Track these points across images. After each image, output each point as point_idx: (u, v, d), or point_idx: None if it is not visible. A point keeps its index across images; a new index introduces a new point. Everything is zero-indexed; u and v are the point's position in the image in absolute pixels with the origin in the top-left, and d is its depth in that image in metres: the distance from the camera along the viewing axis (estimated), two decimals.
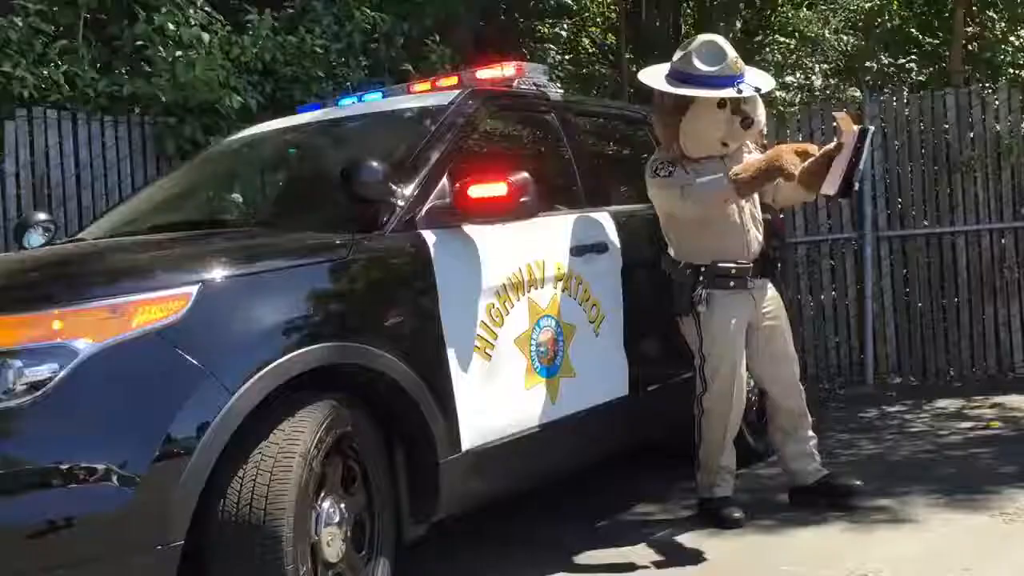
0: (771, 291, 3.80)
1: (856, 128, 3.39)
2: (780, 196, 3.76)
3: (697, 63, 3.53)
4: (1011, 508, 3.69)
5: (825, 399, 6.16)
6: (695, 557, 3.37)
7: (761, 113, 3.69)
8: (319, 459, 2.53)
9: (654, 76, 3.68)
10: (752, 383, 4.34)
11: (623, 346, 3.77)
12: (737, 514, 3.71)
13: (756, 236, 3.70)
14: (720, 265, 3.64)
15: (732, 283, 3.64)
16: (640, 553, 3.45)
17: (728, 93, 3.50)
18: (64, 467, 2.18)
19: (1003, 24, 8.66)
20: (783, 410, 3.86)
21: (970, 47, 8.81)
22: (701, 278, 3.65)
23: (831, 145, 3.45)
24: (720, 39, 3.62)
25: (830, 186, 3.41)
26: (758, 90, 3.55)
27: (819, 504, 3.79)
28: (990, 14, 9.18)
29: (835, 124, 3.48)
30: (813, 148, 3.52)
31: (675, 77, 3.60)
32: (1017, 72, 8.35)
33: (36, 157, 5.33)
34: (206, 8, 6.06)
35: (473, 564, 3.44)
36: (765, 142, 3.98)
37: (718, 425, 3.73)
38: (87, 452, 2.21)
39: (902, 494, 3.96)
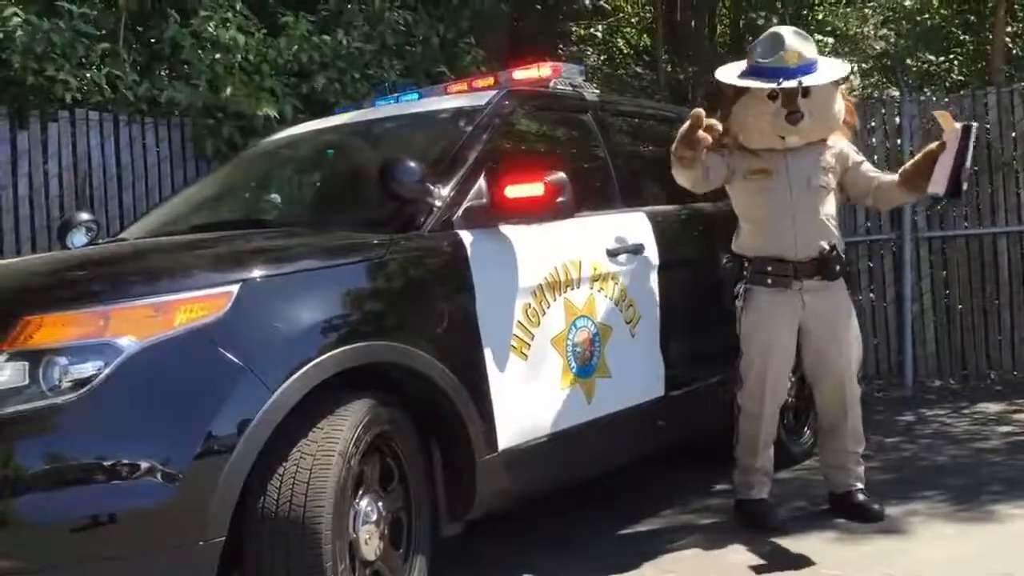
0: (833, 295, 3.60)
1: (959, 126, 3.31)
2: (881, 197, 3.64)
3: (755, 54, 3.52)
4: None
5: (863, 402, 6.08)
6: (725, 561, 3.35)
7: (829, 108, 3.55)
8: (357, 457, 2.55)
9: (729, 69, 3.65)
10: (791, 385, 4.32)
11: (659, 347, 3.77)
12: (772, 517, 3.68)
13: (812, 237, 3.53)
14: (761, 261, 3.60)
15: (770, 280, 3.58)
16: (670, 557, 3.42)
17: (767, 84, 3.45)
18: (107, 463, 2.22)
19: None
20: (825, 416, 3.79)
21: (1011, 46, 8.68)
22: (744, 272, 3.64)
23: (933, 145, 3.38)
24: (787, 31, 3.54)
25: (938, 186, 3.32)
26: (799, 83, 3.41)
27: (839, 514, 3.74)
28: None
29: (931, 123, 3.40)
30: (716, 124, 3.37)
31: (745, 70, 3.57)
32: None
33: (79, 158, 5.41)
34: (243, 12, 6.12)
35: (497, 565, 3.43)
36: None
37: (751, 423, 3.70)
38: (130, 448, 2.24)
39: (940, 499, 3.91)
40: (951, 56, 9.12)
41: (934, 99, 6.91)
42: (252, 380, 2.37)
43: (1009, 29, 8.42)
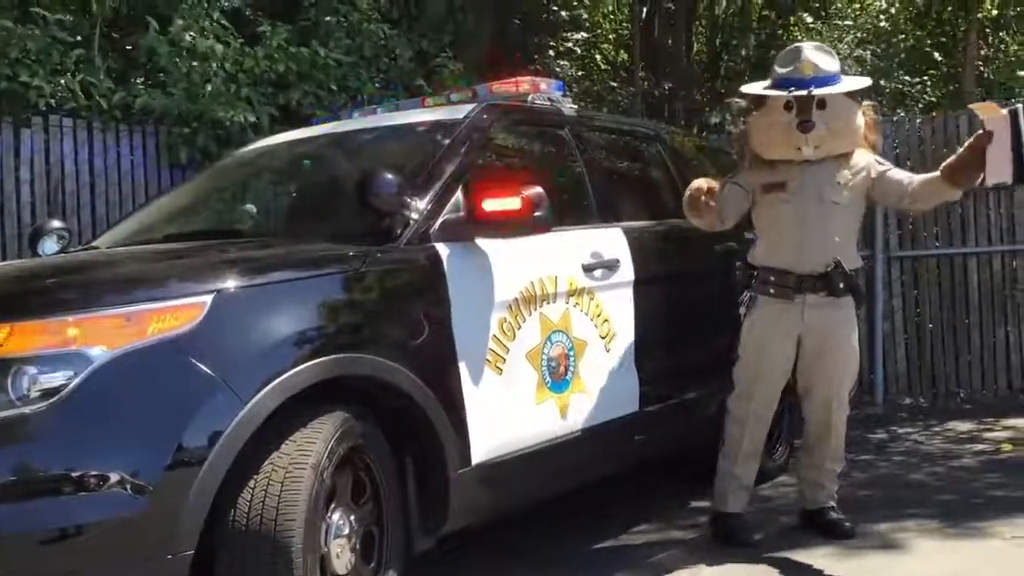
0: (837, 312, 3.59)
1: (1006, 111, 3.23)
2: (921, 195, 3.54)
3: (775, 65, 3.59)
4: (1022, 533, 3.67)
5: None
6: None
7: (846, 122, 3.55)
8: (330, 471, 2.53)
9: (756, 84, 3.72)
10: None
11: (634, 363, 3.77)
12: (745, 534, 3.69)
13: (820, 251, 3.54)
14: (767, 271, 3.63)
15: (772, 291, 3.60)
16: (647, 571, 3.43)
17: (779, 93, 3.50)
18: (76, 474, 2.18)
19: (1016, 47, 8.66)
20: (809, 430, 3.80)
21: (983, 69, 8.81)
22: (752, 281, 3.68)
23: (975, 137, 3.31)
24: (808, 45, 3.60)
25: (1001, 174, 3.22)
26: (809, 92, 3.44)
27: (810, 530, 3.77)
28: (1003, 36, 9.19)
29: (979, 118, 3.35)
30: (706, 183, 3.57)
31: (768, 82, 3.64)
32: None
33: (51, 165, 5.36)
34: (221, 21, 6.10)
35: None
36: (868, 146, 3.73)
37: (736, 427, 3.73)
38: (99, 460, 2.21)
39: (912, 517, 3.94)
40: (925, 78, 9.24)
41: (908, 120, 6.98)
42: (224, 392, 2.34)
43: (982, 52, 8.54)
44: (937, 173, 3.48)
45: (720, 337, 4.07)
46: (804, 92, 3.45)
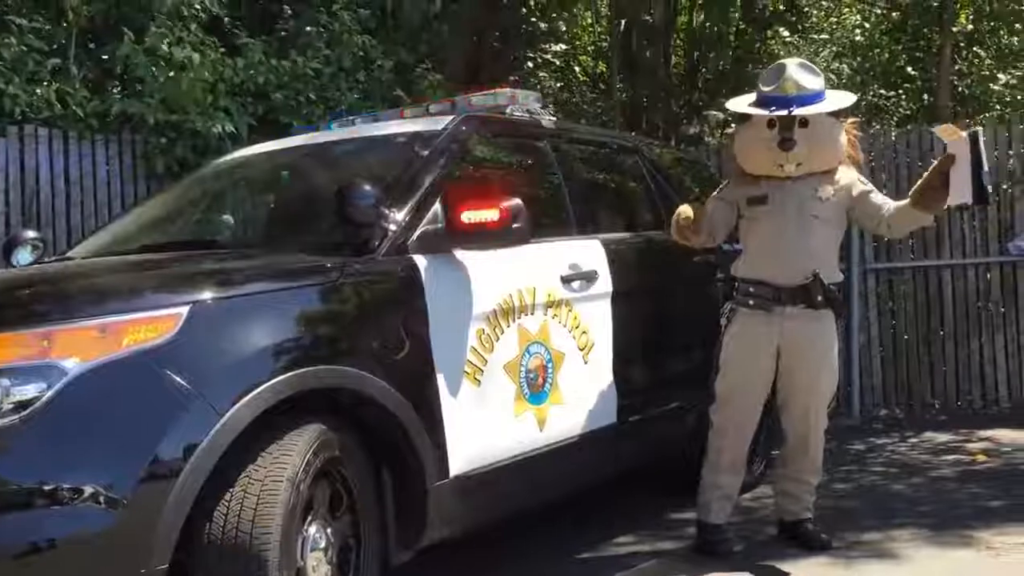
0: (816, 324, 3.61)
1: (965, 134, 3.31)
2: (896, 221, 3.60)
3: (759, 82, 3.62)
4: (997, 543, 3.70)
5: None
6: None
7: (826, 140, 3.59)
8: (307, 483, 2.51)
9: (742, 98, 3.75)
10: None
11: (612, 374, 3.77)
12: (724, 546, 3.71)
13: (799, 265, 3.57)
14: (747, 283, 3.67)
15: (752, 302, 3.64)
16: None
17: (761, 111, 3.54)
18: (49, 487, 2.16)
19: (989, 62, 8.77)
20: (786, 442, 3.83)
21: (958, 83, 8.91)
22: (734, 293, 3.71)
23: (939, 161, 3.39)
24: (792, 62, 3.63)
25: (963, 195, 3.30)
26: (789, 111, 3.48)
27: (788, 541, 3.79)
28: (976, 51, 9.29)
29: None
30: (690, 211, 3.60)
31: (753, 99, 3.66)
32: (1003, 109, 8.44)
33: (26, 174, 5.31)
34: (198, 33, 6.08)
35: None
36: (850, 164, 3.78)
37: (717, 438, 3.75)
38: (73, 473, 2.18)
39: (890, 528, 3.96)
40: (900, 91, 9.33)
41: (883, 135, 7.04)
42: (200, 404, 2.32)
43: (956, 66, 8.64)
44: (907, 199, 3.54)
45: (698, 348, 4.08)
46: (785, 112, 3.49)
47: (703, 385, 3.84)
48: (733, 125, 3.76)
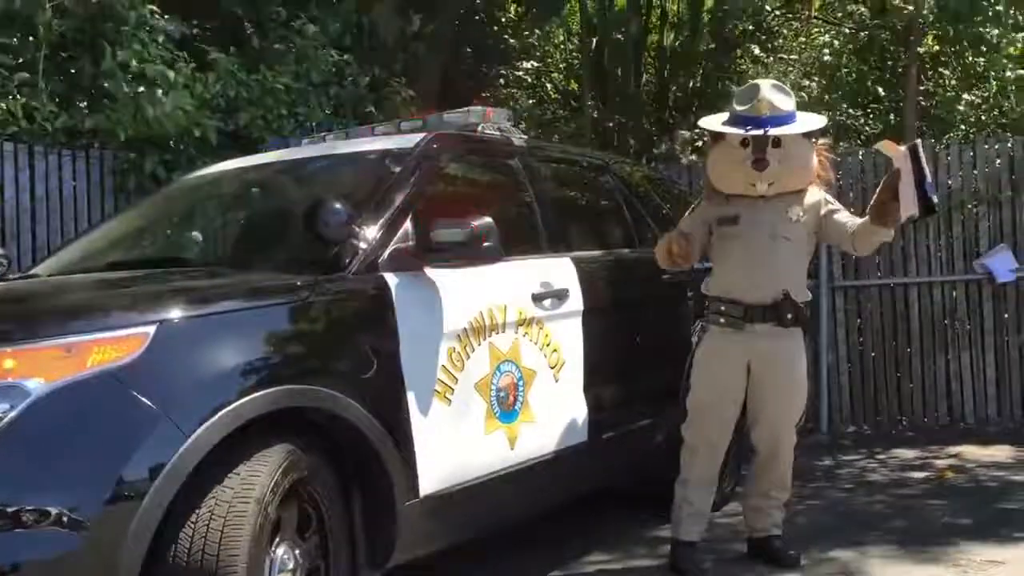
0: (786, 342, 3.65)
1: (904, 148, 3.38)
2: (860, 242, 3.65)
3: (734, 102, 3.65)
4: (963, 560, 3.73)
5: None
6: None
7: (798, 160, 3.62)
8: (275, 504, 2.49)
9: (714, 117, 3.78)
10: None
11: (583, 392, 3.78)
12: (693, 565, 3.71)
13: (769, 283, 3.61)
14: (718, 301, 3.68)
15: (723, 320, 3.65)
16: None
17: (737, 131, 3.56)
18: (11, 510, 2.12)
19: (955, 82, 8.90)
20: (756, 457, 3.85)
21: (924, 103, 9.03)
22: (704, 311, 3.72)
23: (887, 177, 3.46)
24: (765, 82, 3.66)
25: (910, 208, 3.36)
26: (765, 132, 3.51)
27: (757, 558, 3.81)
28: (942, 71, 9.43)
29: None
30: (677, 245, 3.58)
31: (727, 118, 3.69)
32: (968, 129, 8.57)
33: None
34: (168, 46, 6.04)
35: None
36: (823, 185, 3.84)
37: (689, 457, 3.77)
38: (36, 495, 2.15)
39: (857, 545, 3.99)
40: (867, 111, 9.44)
41: (850, 155, 7.13)
42: (167, 424, 2.30)
43: (922, 87, 8.76)
44: (866, 217, 3.60)
45: (669, 366, 4.09)
46: (760, 132, 3.52)
47: (675, 402, 3.85)
48: (703, 143, 3.77)
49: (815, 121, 3.76)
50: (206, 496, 2.39)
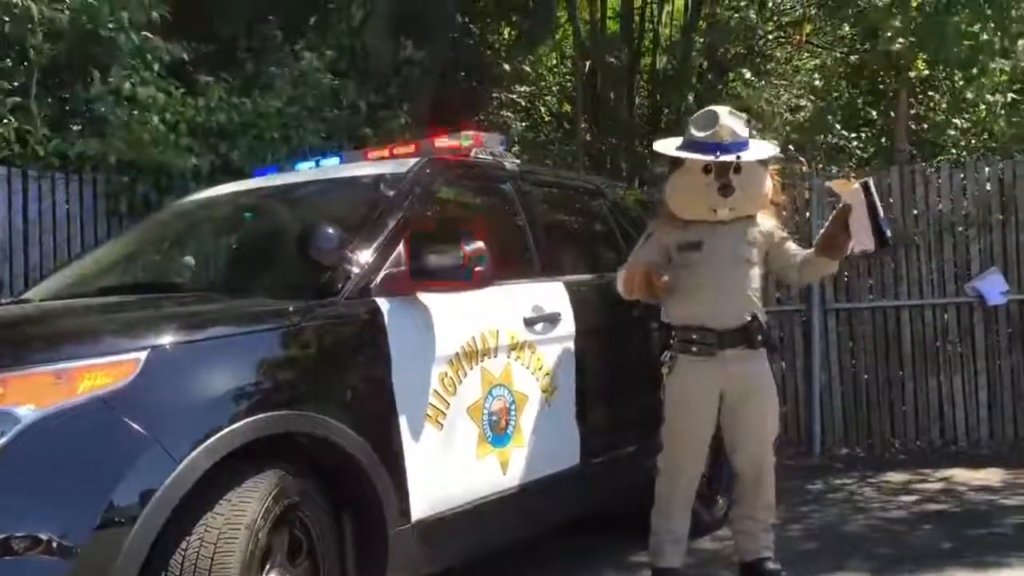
0: (755, 364, 3.68)
1: (857, 184, 3.48)
2: (806, 270, 3.74)
3: (692, 128, 3.65)
4: None
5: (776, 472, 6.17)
6: None
7: (758, 186, 3.67)
8: (265, 530, 2.49)
9: (667, 141, 3.78)
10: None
11: (575, 416, 3.78)
12: None
13: (735, 308, 3.63)
14: (686, 329, 3.67)
15: (695, 348, 3.65)
16: None
17: (704, 157, 3.57)
18: (1, 536, 2.12)
19: (945, 106, 8.96)
20: (739, 482, 3.84)
21: (914, 126, 9.09)
22: (671, 340, 3.70)
23: (836, 212, 3.56)
24: (722, 109, 3.68)
25: (865, 243, 3.48)
26: (738, 158, 3.54)
27: None
28: (932, 95, 9.50)
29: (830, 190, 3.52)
30: (660, 276, 3.55)
31: (682, 143, 3.69)
32: (959, 153, 8.63)
33: None
34: (161, 72, 6.07)
35: None
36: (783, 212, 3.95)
37: (668, 486, 3.74)
38: (26, 521, 2.15)
39: (842, 569, 3.98)
40: (859, 133, 9.50)
41: (840, 174, 7.16)
42: (157, 450, 2.30)
43: (912, 111, 8.81)
44: (813, 249, 3.70)
45: (660, 390, 4.08)
46: (731, 158, 3.54)
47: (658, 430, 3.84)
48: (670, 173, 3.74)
49: (769, 148, 3.83)
50: (197, 522, 2.38)
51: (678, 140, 3.73)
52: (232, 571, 2.35)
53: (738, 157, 3.55)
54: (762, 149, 3.73)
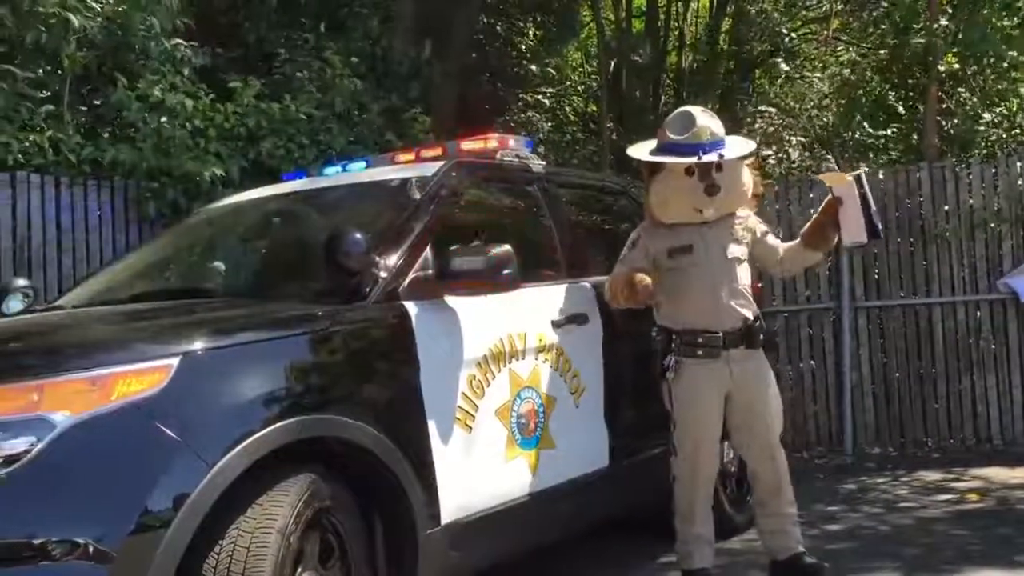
0: (756, 362, 3.70)
1: (850, 177, 3.53)
2: (790, 262, 3.79)
3: (668, 131, 3.62)
4: None
5: (804, 469, 6.14)
6: None
7: (741, 182, 3.69)
8: (297, 534, 2.50)
9: (641, 147, 3.76)
10: (732, 454, 4.36)
11: (603, 417, 3.78)
12: None
13: (735, 307, 3.64)
14: (690, 333, 3.64)
15: (700, 352, 3.63)
16: None
17: (687, 160, 3.55)
18: (38, 541, 2.15)
19: (974, 101, 8.85)
20: (759, 482, 3.83)
21: (944, 122, 8.99)
22: (673, 345, 3.68)
23: (826, 203, 3.61)
24: (695, 109, 3.68)
25: (857, 234, 3.55)
26: (721, 157, 3.54)
27: None
28: (961, 90, 9.38)
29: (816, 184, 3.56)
30: (642, 281, 3.51)
31: (657, 146, 3.68)
32: (990, 147, 8.52)
33: (18, 220, 5.31)
34: (186, 72, 6.13)
35: None
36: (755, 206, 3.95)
37: (687, 492, 3.72)
38: (62, 526, 2.18)
39: (872, 570, 3.95)
40: (888, 131, 9.40)
41: (869, 174, 7.10)
42: (190, 455, 2.32)
43: (943, 105, 8.72)
44: (798, 240, 3.74)
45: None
46: (714, 157, 3.53)
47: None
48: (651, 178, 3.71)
49: (749, 145, 3.81)
50: (229, 526, 2.41)
51: (651, 144, 3.72)
52: (265, 574, 2.37)
53: (720, 156, 3.55)
54: (740, 146, 3.73)
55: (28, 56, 5.80)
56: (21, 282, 3.88)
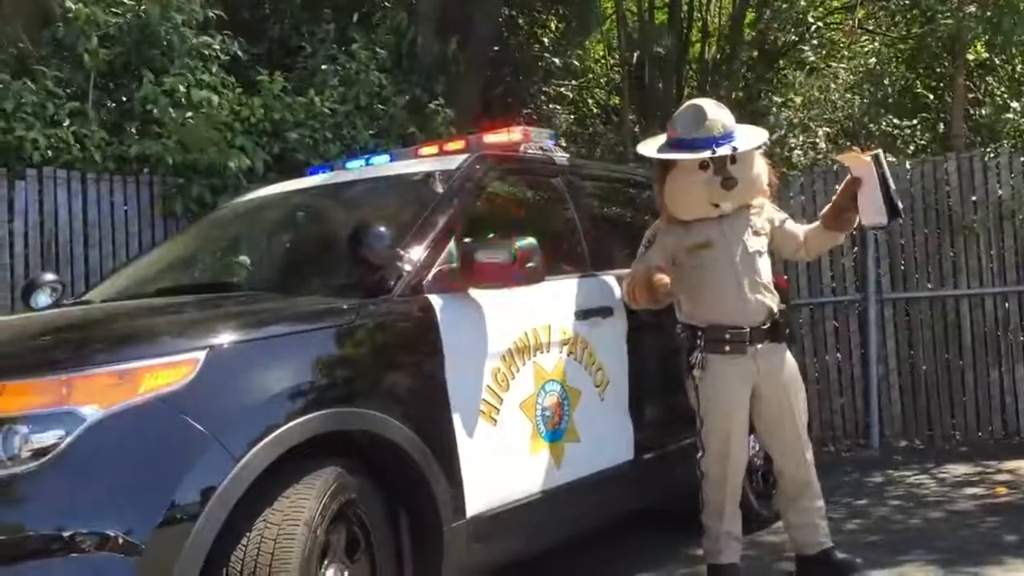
0: (781, 356, 3.69)
1: (868, 157, 3.50)
2: (811, 246, 3.77)
3: (678, 127, 3.60)
4: None
5: (831, 463, 6.11)
6: None
7: (755, 172, 3.65)
8: (323, 527, 2.52)
9: (649, 144, 3.73)
10: (757, 447, 4.33)
11: (628, 410, 3.77)
12: None
13: (759, 301, 3.62)
14: (716, 329, 3.62)
15: (727, 347, 3.60)
16: None
17: (702, 155, 3.52)
18: (67, 534, 2.17)
19: (1003, 90, 8.75)
20: (786, 477, 3.80)
21: (971, 112, 8.90)
22: (699, 341, 3.65)
23: (845, 184, 3.58)
24: (706, 103, 3.64)
25: (877, 216, 3.52)
26: (735, 150, 3.51)
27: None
28: (989, 79, 9.28)
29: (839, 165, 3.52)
30: (660, 280, 3.46)
31: (666, 143, 3.66)
32: (1019, 137, 8.41)
33: (45, 216, 5.36)
34: (214, 70, 6.16)
35: None
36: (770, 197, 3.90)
37: (716, 489, 3.70)
38: (91, 519, 2.20)
39: (907, 563, 3.92)
40: (915, 121, 9.31)
41: (896, 164, 7.04)
42: (217, 448, 2.34)
43: (970, 95, 8.63)
44: (819, 223, 3.70)
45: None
46: (728, 150, 3.49)
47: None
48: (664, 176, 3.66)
49: (761, 135, 3.77)
50: (256, 519, 2.42)
51: (659, 140, 3.69)
52: (291, 567, 2.38)
53: (735, 148, 3.51)
54: (752, 136, 3.69)
55: (53, 53, 5.85)
56: (49, 277, 3.91)
